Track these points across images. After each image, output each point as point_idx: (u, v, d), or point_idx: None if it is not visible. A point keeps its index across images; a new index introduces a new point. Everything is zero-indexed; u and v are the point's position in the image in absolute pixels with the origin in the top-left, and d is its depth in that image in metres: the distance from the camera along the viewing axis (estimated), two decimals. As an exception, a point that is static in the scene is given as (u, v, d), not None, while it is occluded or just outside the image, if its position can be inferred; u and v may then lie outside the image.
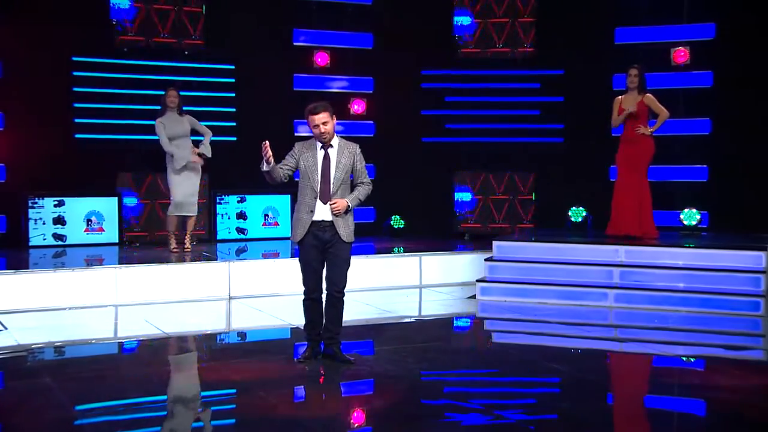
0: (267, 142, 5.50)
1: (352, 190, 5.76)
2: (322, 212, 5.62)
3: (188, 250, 9.14)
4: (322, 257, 5.69)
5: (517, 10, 11.13)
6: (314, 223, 5.62)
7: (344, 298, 5.78)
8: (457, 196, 11.27)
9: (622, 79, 9.20)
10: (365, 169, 5.79)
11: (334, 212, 5.59)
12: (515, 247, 8.93)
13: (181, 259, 8.59)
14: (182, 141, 9.00)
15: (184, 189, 9.03)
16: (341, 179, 5.64)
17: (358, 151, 5.74)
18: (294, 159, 5.67)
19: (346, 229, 5.68)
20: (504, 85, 11.27)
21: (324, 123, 5.58)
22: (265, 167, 5.56)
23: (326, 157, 5.63)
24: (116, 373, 5.89)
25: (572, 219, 10.44)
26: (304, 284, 5.77)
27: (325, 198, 5.60)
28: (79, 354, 6.43)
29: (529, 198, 11.12)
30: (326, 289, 5.75)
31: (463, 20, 11.28)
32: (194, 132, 9.22)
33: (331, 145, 5.66)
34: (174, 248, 9.08)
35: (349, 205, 5.65)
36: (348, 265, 5.74)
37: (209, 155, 9.21)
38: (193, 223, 9.33)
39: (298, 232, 5.66)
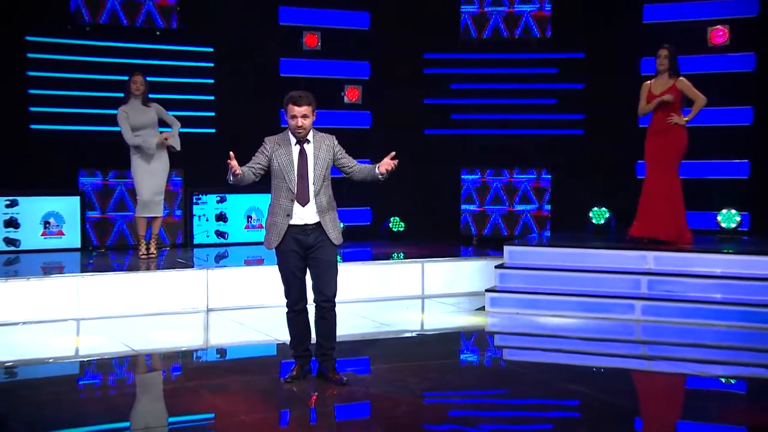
0: (232, 153, 5.44)
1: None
2: (303, 215, 5.60)
3: (153, 256, 9.09)
4: (304, 264, 5.69)
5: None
6: (293, 227, 5.59)
7: (336, 309, 5.75)
8: (464, 195, 11.25)
9: (651, 63, 9.14)
10: (348, 155, 5.79)
11: (393, 168, 5.56)
12: (529, 252, 8.92)
13: (146, 267, 8.56)
14: (148, 132, 8.95)
15: (150, 186, 8.98)
16: (322, 176, 5.63)
17: (336, 142, 5.75)
18: (265, 157, 5.63)
19: (335, 231, 5.67)
20: (517, 71, 11.29)
21: (304, 116, 5.56)
22: (231, 180, 5.52)
23: (302, 153, 5.62)
24: (77, 397, 5.85)
25: (594, 221, 10.42)
26: (287, 296, 5.76)
27: (304, 200, 5.58)
28: (34, 375, 6.38)
29: (545, 197, 11.10)
30: (314, 300, 5.72)
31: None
32: (161, 123, 9.17)
33: (308, 140, 5.64)
34: (143, 254, 9.06)
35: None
36: (337, 270, 5.72)
37: (178, 148, 9.15)
38: (158, 226, 9.27)
39: (272, 238, 5.64)
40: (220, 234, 10.58)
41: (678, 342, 7.51)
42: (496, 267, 8.85)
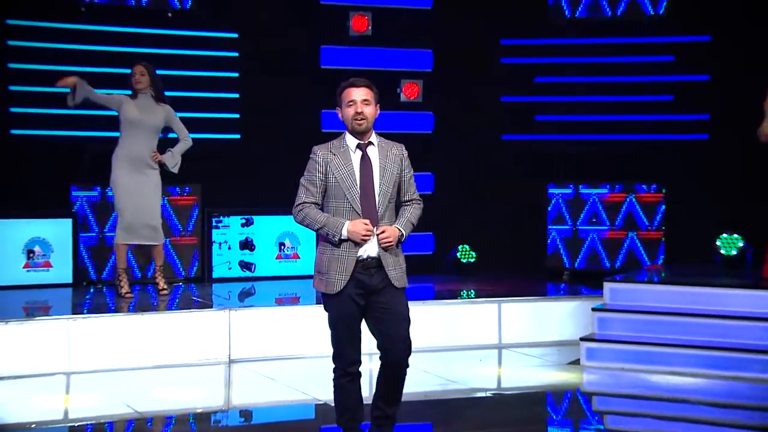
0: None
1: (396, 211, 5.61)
2: (368, 246, 5.41)
3: (165, 293, 9.08)
4: (362, 314, 5.52)
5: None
6: (357, 262, 5.47)
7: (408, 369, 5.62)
8: (552, 216, 11.15)
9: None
10: (414, 180, 5.66)
11: (384, 245, 5.43)
12: (637, 291, 8.85)
13: (133, 309, 8.53)
14: (144, 135, 8.87)
15: (135, 205, 8.88)
16: (388, 194, 5.49)
17: (406, 153, 5.61)
18: (321, 173, 5.48)
19: (397, 270, 5.48)
20: (621, 60, 11.24)
21: (365, 102, 5.45)
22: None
23: (365, 161, 5.49)
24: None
25: (722, 252, 10.25)
26: (340, 355, 5.53)
27: (372, 222, 5.41)
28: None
29: (658, 221, 10.95)
30: (382, 360, 5.55)
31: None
32: (169, 131, 9.15)
33: (371, 143, 5.54)
34: (126, 292, 8.99)
35: (402, 235, 5.50)
36: (409, 321, 5.54)
37: (173, 169, 9.05)
38: (161, 256, 9.21)
39: (337, 277, 5.41)
40: (245, 266, 10.60)
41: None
42: (593, 309, 8.77)
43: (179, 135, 9.11)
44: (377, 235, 5.37)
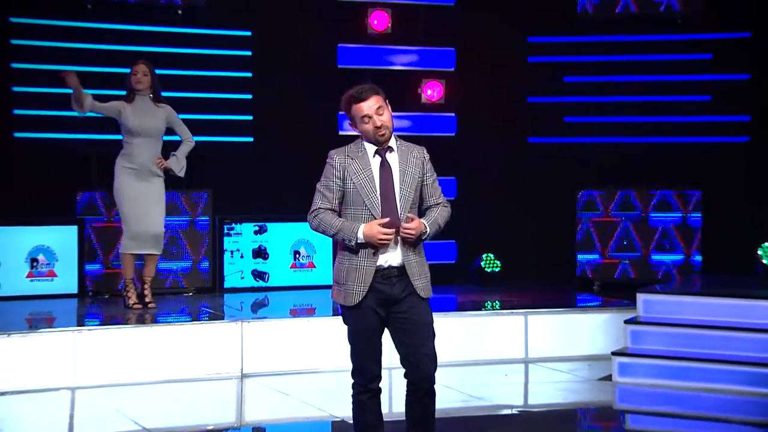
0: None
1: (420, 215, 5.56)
2: (389, 254, 5.39)
3: (153, 307, 9.06)
4: (383, 327, 5.48)
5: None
6: (377, 271, 5.43)
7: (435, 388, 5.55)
8: (581, 223, 11.10)
9: None
10: (438, 183, 5.62)
11: (404, 236, 5.38)
12: (672, 303, 8.80)
13: (141, 320, 8.56)
14: (147, 141, 8.89)
15: (141, 214, 8.90)
16: (410, 199, 5.45)
17: (428, 156, 5.57)
18: (338, 179, 5.45)
19: (423, 279, 5.44)
20: (654, 58, 11.21)
21: (379, 112, 5.42)
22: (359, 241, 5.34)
23: (384, 166, 5.46)
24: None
25: (764, 261, 10.19)
26: (360, 371, 5.49)
27: (393, 228, 5.36)
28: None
29: (695, 228, 10.90)
30: (408, 377, 5.50)
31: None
32: (171, 132, 9.14)
33: (390, 148, 5.51)
34: (134, 303, 9.02)
35: (427, 231, 5.47)
36: (434, 334, 5.49)
37: (180, 173, 9.07)
38: (154, 267, 9.20)
39: (356, 289, 5.37)
40: (258, 275, 10.60)
41: None
42: (626, 322, 8.74)
43: (182, 136, 9.12)
44: (403, 229, 5.30)
